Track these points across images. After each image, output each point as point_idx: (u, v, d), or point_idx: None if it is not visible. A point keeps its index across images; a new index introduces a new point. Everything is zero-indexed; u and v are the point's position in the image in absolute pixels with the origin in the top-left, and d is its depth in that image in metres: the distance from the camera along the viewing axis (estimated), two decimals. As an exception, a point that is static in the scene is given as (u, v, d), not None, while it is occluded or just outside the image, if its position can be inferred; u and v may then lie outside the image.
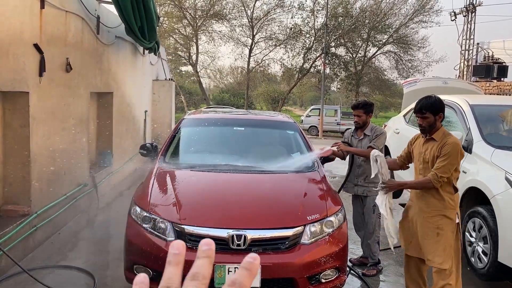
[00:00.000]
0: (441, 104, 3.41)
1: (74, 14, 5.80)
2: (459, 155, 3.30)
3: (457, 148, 3.29)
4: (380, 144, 4.54)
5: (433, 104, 3.37)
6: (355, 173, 4.70)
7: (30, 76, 4.64)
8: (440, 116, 3.39)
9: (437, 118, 3.38)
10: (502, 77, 15.76)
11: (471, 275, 4.45)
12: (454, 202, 3.37)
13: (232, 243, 3.29)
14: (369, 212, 4.62)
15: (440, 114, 3.39)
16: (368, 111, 4.63)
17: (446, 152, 3.27)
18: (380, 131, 4.62)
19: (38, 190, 4.92)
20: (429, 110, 3.36)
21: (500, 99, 6.87)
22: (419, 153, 3.53)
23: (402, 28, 29.71)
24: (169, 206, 3.60)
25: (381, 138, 4.58)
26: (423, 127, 3.42)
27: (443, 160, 3.28)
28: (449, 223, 3.33)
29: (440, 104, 3.40)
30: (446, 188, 3.35)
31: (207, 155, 4.74)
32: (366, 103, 4.70)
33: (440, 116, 3.39)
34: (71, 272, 4.39)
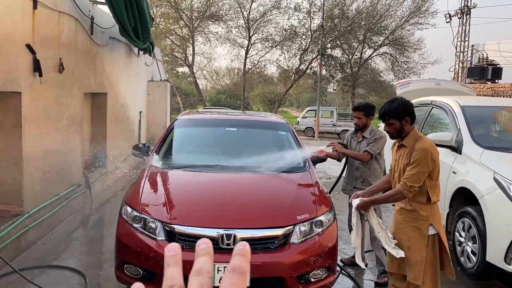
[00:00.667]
0: (406, 107, 3.10)
1: (68, 15, 5.81)
2: (430, 161, 2.98)
3: (426, 154, 2.98)
4: (377, 149, 4.43)
5: (396, 109, 3.08)
6: (353, 175, 4.61)
7: (22, 76, 4.64)
8: (407, 121, 3.08)
9: (403, 123, 3.09)
10: (497, 79, 15.85)
11: (461, 275, 4.48)
12: (427, 213, 3.07)
13: (222, 242, 3.31)
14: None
15: (407, 118, 3.08)
16: (369, 114, 4.53)
17: (414, 159, 3.00)
18: (379, 135, 4.47)
19: (31, 190, 4.93)
20: (393, 116, 3.08)
21: (491, 101, 6.92)
22: (394, 161, 3.28)
23: (398, 30, 29.85)
24: (159, 205, 3.61)
25: (379, 142, 4.44)
26: (390, 133, 3.17)
27: (412, 168, 2.99)
28: (419, 236, 3.07)
29: (405, 108, 3.09)
30: (416, 198, 3.08)
31: (199, 155, 4.76)
32: (367, 105, 4.59)
33: (407, 121, 3.08)
34: (62, 272, 4.40)
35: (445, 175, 4.77)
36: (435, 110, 5.72)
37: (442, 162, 4.85)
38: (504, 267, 3.75)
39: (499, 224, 3.83)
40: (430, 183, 3.06)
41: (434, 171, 3.06)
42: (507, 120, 5.45)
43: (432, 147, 3.06)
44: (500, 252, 3.76)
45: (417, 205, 3.08)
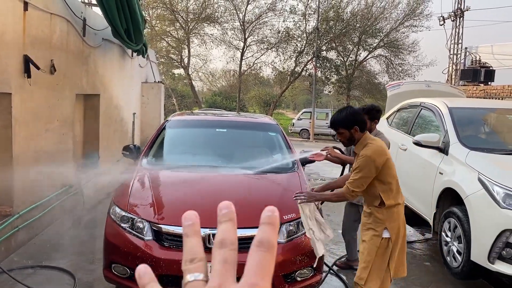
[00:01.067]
0: (355, 117, 3.17)
1: (59, 17, 5.84)
2: (373, 168, 3.04)
3: (367, 161, 3.04)
4: None
5: (344, 119, 3.17)
6: None
7: (12, 77, 4.67)
8: (356, 129, 3.15)
9: (353, 132, 3.16)
10: (489, 81, 15.96)
11: (448, 274, 4.53)
12: (383, 216, 3.12)
13: (208, 242, 3.35)
14: None
15: (355, 127, 3.14)
16: (373, 117, 4.28)
17: (357, 166, 3.10)
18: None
19: (21, 191, 4.95)
20: (341, 125, 3.19)
21: (480, 102, 6.99)
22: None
23: (393, 32, 29.97)
24: (147, 206, 3.65)
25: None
26: (342, 141, 3.29)
27: (356, 174, 3.09)
28: (373, 237, 3.14)
29: (353, 117, 3.17)
30: (372, 202, 3.18)
31: (188, 156, 4.80)
32: (372, 108, 4.34)
33: (356, 129, 3.14)
34: (52, 272, 4.42)
35: (432, 176, 4.84)
36: (424, 112, 5.78)
37: (429, 162, 4.93)
38: (488, 266, 3.81)
39: (483, 224, 3.89)
40: (382, 187, 3.12)
41: (383, 176, 3.10)
42: (494, 122, 5.52)
43: (376, 153, 3.07)
44: (483, 252, 3.81)
45: (373, 208, 3.17)
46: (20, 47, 4.81)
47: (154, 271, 2.25)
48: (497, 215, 3.75)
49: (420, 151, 5.16)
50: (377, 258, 3.12)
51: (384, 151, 3.14)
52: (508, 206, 3.71)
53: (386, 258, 3.13)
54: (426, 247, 5.75)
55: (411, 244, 5.67)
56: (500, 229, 3.69)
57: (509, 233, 3.66)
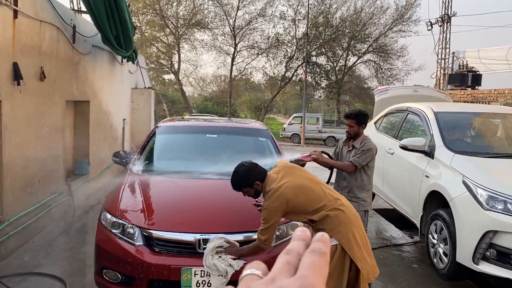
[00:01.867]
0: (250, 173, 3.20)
1: (49, 24, 5.86)
2: (280, 213, 3.05)
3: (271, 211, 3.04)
4: (363, 161, 4.16)
5: (242, 179, 3.22)
6: (340, 185, 4.38)
7: (2, 84, 4.68)
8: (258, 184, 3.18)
9: (256, 187, 3.19)
10: (476, 85, 16.22)
11: (436, 276, 4.62)
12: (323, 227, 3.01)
13: (198, 247, 3.39)
14: None
15: (256, 182, 3.18)
16: (361, 122, 4.25)
17: (263, 218, 3.14)
18: (368, 146, 4.19)
19: (11, 198, 4.95)
20: (242, 185, 3.23)
21: (465, 107, 7.13)
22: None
23: (382, 38, 30.34)
24: (138, 211, 3.68)
25: (366, 154, 4.16)
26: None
27: (264, 225, 3.12)
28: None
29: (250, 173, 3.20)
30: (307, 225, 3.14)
31: (178, 161, 4.84)
32: (359, 113, 4.33)
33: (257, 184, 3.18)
34: (43, 279, 4.42)
35: (418, 179, 4.93)
36: (410, 116, 5.88)
37: (416, 166, 5.03)
38: (472, 267, 3.89)
39: (467, 226, 3.98)
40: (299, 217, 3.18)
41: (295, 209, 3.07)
42: (479, 126, 5.64)
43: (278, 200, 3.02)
44: (468, 253, 3.90)
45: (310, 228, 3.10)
46: (10, 55, 4.83)
47: (145, 276, 2.36)
48: (481, 217, 3.84)
49: (406, 155, 5.26)
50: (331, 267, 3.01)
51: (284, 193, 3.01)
52: (491, 208, 3.81)
53: (338, 270, 2.99)
54: (415, 249, 5.83)
55: (399, 247, 5.76)
56: (483, 230, 3.78)
57: (492, 234, 3.75)
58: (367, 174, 4.24)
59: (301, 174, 3.22)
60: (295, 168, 3.30)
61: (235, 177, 3.28)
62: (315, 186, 3.14)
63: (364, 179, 4.22)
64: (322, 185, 3.20)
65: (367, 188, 4.24)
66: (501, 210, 3.77)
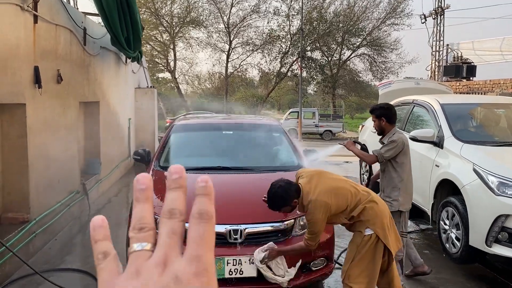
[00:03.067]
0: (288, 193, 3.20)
1: (63, 27, 6.01)
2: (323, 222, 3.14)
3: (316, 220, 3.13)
4: (384, 152, 3.97)
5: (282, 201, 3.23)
6: (382, 184, 4.19)
7: (26, 88, 4.83)
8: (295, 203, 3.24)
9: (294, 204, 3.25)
10: (471, 77, 16.49)
11: (447, 261, 4.84)
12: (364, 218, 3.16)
13: (229, 237, 3.58)
14: None
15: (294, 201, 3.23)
16: (379, 115, 4.09)
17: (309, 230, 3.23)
18: (392, 138, 3.99)
19: (36, 198, 5.10)
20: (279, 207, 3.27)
21: (468, 98, 7.36)
22: None
23: (375, 31, 30.62)
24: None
25: (388, 146, 3.96)
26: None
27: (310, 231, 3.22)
28: (355, 235, 3.24)
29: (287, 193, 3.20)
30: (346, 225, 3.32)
31: (198, 158, 5.02)
32: (373, 108, 4.23)
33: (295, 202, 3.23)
34: (72, 274, 4.59)
35: (428, 169, 5.14)
36: (416, 109, 6.09)
37: (425, 156, 5.24)
38: (485, 249, 4.12)
39: (479, 211, 4.20)
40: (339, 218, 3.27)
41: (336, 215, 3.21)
42: (483, 116, 5.86)
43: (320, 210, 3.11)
44: (481, 236, 4.12)
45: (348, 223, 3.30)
46: (31, 59, 4.98)
47: None
48: (493, 202, 4.07)
49: (415, 146, 5.46)
50: (359, 254, 3.16)
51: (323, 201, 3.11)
52: (502, 194, 4.03)
53: (370, 255, 3.14)
54: (424, 237, 6.06)
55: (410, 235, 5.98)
56: (495, 214, 4.00)
57: (504, 218, 3.98)
58: (396, 171, 4.01)
59: (329, 176, 3.34)
60: (321, 173, 3.37)
61: (274, 200, 3.22)
62: (345, 184, 3.29)
63: (394, 177, 4.01)
64: (350, 182, 3.37)
65: (399, 187, 3.98)
66: (511, 195, 4.00)
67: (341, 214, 3.20)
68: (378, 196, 3.38)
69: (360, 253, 3.15)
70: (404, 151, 3.98)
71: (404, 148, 3.97)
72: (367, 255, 3.15)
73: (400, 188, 3.99)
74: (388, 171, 4.06)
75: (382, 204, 3.27)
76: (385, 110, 4.11)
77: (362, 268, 3.16)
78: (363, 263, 3.15)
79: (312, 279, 3.75)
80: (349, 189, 3.23)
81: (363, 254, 3.15)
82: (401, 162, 4.00)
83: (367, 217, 3.13)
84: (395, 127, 4.12)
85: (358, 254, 3.16)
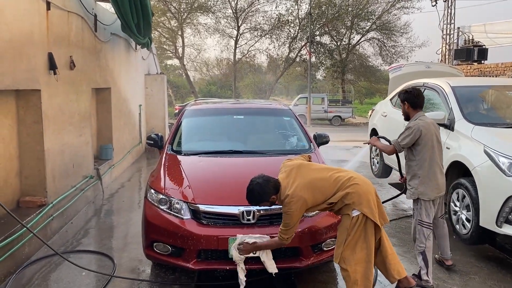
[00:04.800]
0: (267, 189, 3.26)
1: (75, 14, 6.06)
2: (297, 217, 3.24)
3: (290, 217, 3.23)
4: (401, 140, 3.89)
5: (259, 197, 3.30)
6: (405, 171, 4.10)
7: (41, 74, 4.92)
8: (273, 199, 3.33)
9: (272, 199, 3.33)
10: (482, 60, 16.29)
11: (456, 242, 4.89)
12: (348, 201, 3.22)
13: (242, 218, 3.66)
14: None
15: (272, 197, 3.31)
16: (403, 100, 4.03)
17: (284, 222, 3.29)
18: (408, 125, 3.91)
19: (52, 182, 5.23)
20: (257, 203, 3.37)
21: (479, 81, 7.32)
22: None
23: (385, 15, 30.22)
24: (183, 188, 3.95)
25: (404, 133, 3.89)
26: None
27: (284, 226, 3.29)
28: (343, 218, 3.30)
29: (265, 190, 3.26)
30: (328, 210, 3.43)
31: (210, 142, 5.09)
32: (399, 91, 4.17)
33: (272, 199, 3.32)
34: (89, 255, 4.72)
35: (439, 151, 5.15)
36: (427, 92, 6.08)
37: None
38: (496, 230, 4.15)
39: (490, 192, 4.23)
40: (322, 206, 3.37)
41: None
42: (493, 98, 5.84)
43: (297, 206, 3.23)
44: (492, 217, 4.16)
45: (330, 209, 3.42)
46: (45, 45, 5.05)
47: (195, 247, 2.76)
48: (503, 183, 4.09)
49: (426, 128, 5.47)
50: (349, 236, 3.21)
51: (299, 195, 3.20)
52: (513, 174, 4.06)
53: (361, 234, 3.20)
54: (433, 219, 6.10)
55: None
56: (506, 195, 4.03)
57: (515, 198, 4.01)
58: (415, 158, 3.89)
59: (309, 168, 3.41)
60: (301, 166, 3.42)
61: (251, 196, 3.30)
62: (325, 174, 3.35)
63: (412, 165, 3.91)
64: (332, 170, 3.41)
65: (418, 175, 3.86)
66: (522, 176, 4.02)
67: (322, 204, 3.29)
68: (361, 176, 3.42)
69: (350, 235, 3.22)
70: (421, 138, 3.81)
71: (421, 135, 3.81)
72: (359, 235, 3.23)
73: (420, 176, 3.85)
74: (408, 159, 3.96)
75: (364, 182, 3.32)
76: (408, 95, 3.98)
77: (355, 248, 3.23)
78: (357, 244, 3.23)
79: (323, 259, 3.83)
80: (328, 178, 3.30)
81: (354, 235, 3.22)
82: (419, 150, 3.85)
83: (352, 200, 3.21)
84: (419, 111, 3.97)
85: (349, 236, 3.23)
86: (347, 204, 3.23)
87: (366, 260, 3.23)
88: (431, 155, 3.85)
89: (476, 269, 4.38)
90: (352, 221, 3.21)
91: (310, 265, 3.75)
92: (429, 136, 3.84)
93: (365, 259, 3.23)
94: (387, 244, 3.45)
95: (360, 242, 3.23)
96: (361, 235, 3.23)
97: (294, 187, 3.25)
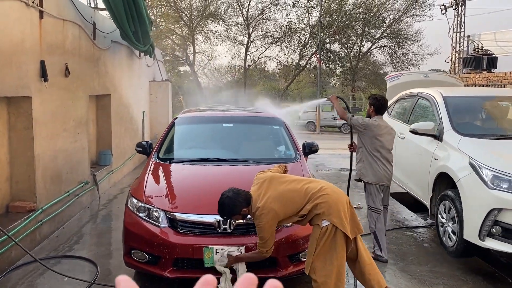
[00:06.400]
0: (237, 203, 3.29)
1: (71, 22, 6.17)
2: (273, 227, 3.26)
3: (265, 228, 3.23)
4: (352, 118, 4.70)
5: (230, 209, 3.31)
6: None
7: (32, 81, 5.01)
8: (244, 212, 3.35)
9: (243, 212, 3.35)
10: (492, 68, 16.09)
11: (445, 255, 4.82)
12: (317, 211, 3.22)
13: (219, 227, 3.67)
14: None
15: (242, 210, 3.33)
16: (370, 103, 4.77)
17: (259, 236, 3.30)
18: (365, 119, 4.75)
19: (43, 188, 5.30)
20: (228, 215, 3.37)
21: (474, 91, 7.22)
22: None
23: (396, 23, 30.08)
24: (162, 196, 3.98)
25: (360, 119, 4.72)
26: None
27: (261, 239, 3.31)
28: (314, 228, 3.30)
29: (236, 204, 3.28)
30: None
31: (197, 150, 5.12)
32: (370, 96, 4.93)
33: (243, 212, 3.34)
34: (75, 261, 4.77)
35: (427, 162, 5.11)
36: (420, 101, 6.04)
37: (425, 149, 5.21)
38: (479, 243, 4.09)
39: (473, 205, 4.16)
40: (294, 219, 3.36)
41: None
42: (487, 109, 5.77)
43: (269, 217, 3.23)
44: (474, 230, 4.09)
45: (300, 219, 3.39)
46: (37, 53, 5.15)
47: (171, 255, 2.77)
48: (486, 195, 4.02)
49: (416, 139, 5.43)
50: (319, 247, 3.20)
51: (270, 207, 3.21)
52: (496, 187, 3.99)
53: (331, 245, 3.18)
54: (427, 231, 6.02)
55: (413, 229, 5.95)
56: (488, 208, 3.96)
57: (497, 211, 3.93)
58: (361, 146, 4.68)
59: (280, 181, 3.39)
60: (273, 178, 3.42)
61: (222, 210, 3.31)
62: (296, 185, 3.34)
63: (359, 151, 4.73)
64: (304, 182, 3.39)
65: (363, 160, 4.65)
66: (505, 189, 3.95)
67: (293, 216, 3.28)
68: (333, 186, 3.40)
69: (320, 245, 3.19)
70: (367, 131, 4.57)
71: (366, 128, 4.57)
72: (328, 246, 3.20)
73: (364, 161, 4.63)
74: (358, 145, 4.75)
75: (336, 192, 3.30)
76: (376, 101, 4.72)
77: (325, 259, 3.21)
78: (326, 255, 3.20)
79: (301, 269, 3.81)
80: (299, 190, 3.28)
81: (323, 246, 3.19)
82: (364, 140, 4.63)
83: (322, 210, 3.18)
84: (379, 116, 4.70)
85: (318, 247, 3.21)
86: (317, 214, 3.21)
87: (337, 272, 3.21)
88: (375, 148, 4.57)
89: (461, 282, 4.30)
90: (322, 231, 3.19)
91: (287, 275, 3.73)
92: (376, 133, 4.56)
93: (336, 271, 3.20)
94: (364, 254, 3.42)
95: (330, 253, 3.21)
96: (331, 246, 3.20)
97: (265, 199, 3.25)
